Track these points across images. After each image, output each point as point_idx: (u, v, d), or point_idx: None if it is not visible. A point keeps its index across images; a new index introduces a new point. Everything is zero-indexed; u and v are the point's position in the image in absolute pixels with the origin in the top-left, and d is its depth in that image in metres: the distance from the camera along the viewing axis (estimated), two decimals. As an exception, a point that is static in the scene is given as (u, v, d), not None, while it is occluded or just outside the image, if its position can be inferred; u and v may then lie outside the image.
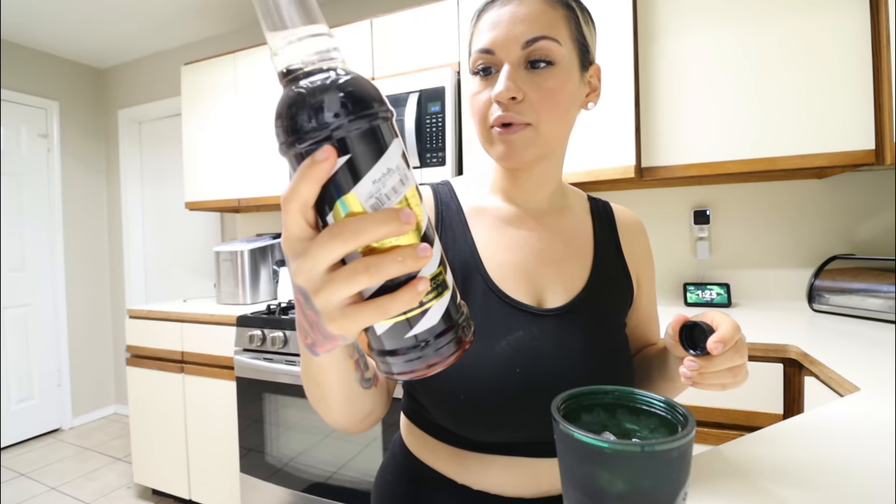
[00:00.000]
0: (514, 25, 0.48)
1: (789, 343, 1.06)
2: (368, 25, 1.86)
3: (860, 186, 1.53)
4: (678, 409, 0.33)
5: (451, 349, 0.30)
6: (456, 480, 0.52)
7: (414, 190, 0.28)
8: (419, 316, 0.28)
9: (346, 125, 0.25)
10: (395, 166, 0.26)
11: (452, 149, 1.64)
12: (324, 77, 0.26)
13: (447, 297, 0.29)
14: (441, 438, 0.54)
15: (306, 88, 0.26)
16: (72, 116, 3.06)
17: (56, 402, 2.93)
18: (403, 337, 0.29)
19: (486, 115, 0.51)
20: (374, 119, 0.26)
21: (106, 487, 2.25)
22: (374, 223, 0.25)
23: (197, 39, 2.82)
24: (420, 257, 0.26)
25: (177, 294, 3.01)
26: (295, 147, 0.26)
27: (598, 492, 0.29)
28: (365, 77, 0.27)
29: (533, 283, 0.54)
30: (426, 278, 0.27)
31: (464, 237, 0.55)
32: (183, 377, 1.93)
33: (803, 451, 0.50)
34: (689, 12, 1.45)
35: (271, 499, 1.70)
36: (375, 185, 0.26)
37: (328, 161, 0.25)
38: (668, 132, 1.49)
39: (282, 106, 0.26)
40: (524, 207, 0.58)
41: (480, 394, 0.48)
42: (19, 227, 2.79)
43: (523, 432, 0.49)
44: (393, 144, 0.27)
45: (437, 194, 0.59)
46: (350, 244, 0.25)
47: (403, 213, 0.25)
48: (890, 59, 1.21)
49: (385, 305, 0.27)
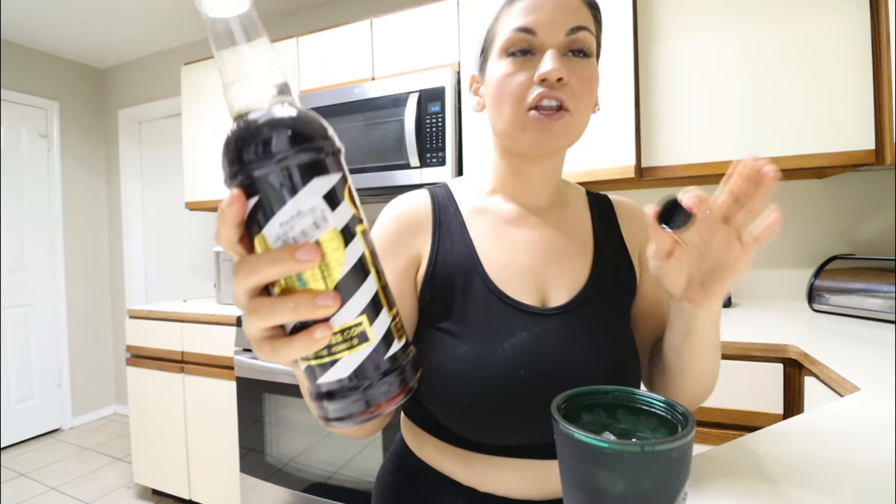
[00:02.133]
0: (559, 10, 0.48)
1: (789, 343, 1.06)
2: (368, 25, 1.86)
3: (860, 186, 1.53)
4: (678, 409, 0.33)
5: (359, 406, 0.29)
6: (462, 482, 0.52)
7: (334, 234, 0.27)
8: (327, 365, 0.28)
9: (256, 168, 0.26)
10: (308, 208, 0.26)
11: (452, 149, 1.64)
12: (249, 120, 0.27)
13: (368, 349, 0.28)
14: (445, 439, 0.53)
15: (233, 131, 0.27)
16: (72, 116, 3.06)
17: (56, 402, 2.93)
18: (314, 383, 0.29)
19: (523, 96, 0.49)
20: (284, 161, 0.26)
21: (106, 487, 2.25)
22: (264, 263, 0.26)
23: (197, 39, 2.83)
24: (317, 306, 0.26)
25: (177, 294, 3.01)
26: (229, 183, 0.27)
27: (598, 492, 0.29)
28: (295, 115, 0.27)
29: (536, 282, 0.53)
30: (326, 325, 0.27)
31: (462, 239, 0.54)
32: (183, 377, 1.93)
33: (803, 451, 0.50)
34: (689, 12, 1.45)
35: (271, 499, 1.70)
36: (283, 227, 0.26)
37: (232, 207, 0.26)
38: (668, 132, 1.49)
39: (224, 144, 0.27)
40: (526, 205, 0.57)
41: (485, 398, 0.47)
42: (19, 227, 2.79)
43: (531, 434, 0.49)
44: (312, 185, 0.26)
45: (435, 197, 0.58)
46: (247, 281, 0.27)
47: (300, 252, 0.25)
48: (890, 59, 1.21)
49: (279, 348, 0.28)
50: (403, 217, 0.55)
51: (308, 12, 2.48)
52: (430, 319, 0.53)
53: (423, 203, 0.57)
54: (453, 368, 0.49)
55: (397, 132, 1.70)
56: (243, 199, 0.26)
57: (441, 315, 0.52)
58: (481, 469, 0.51)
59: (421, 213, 0.56)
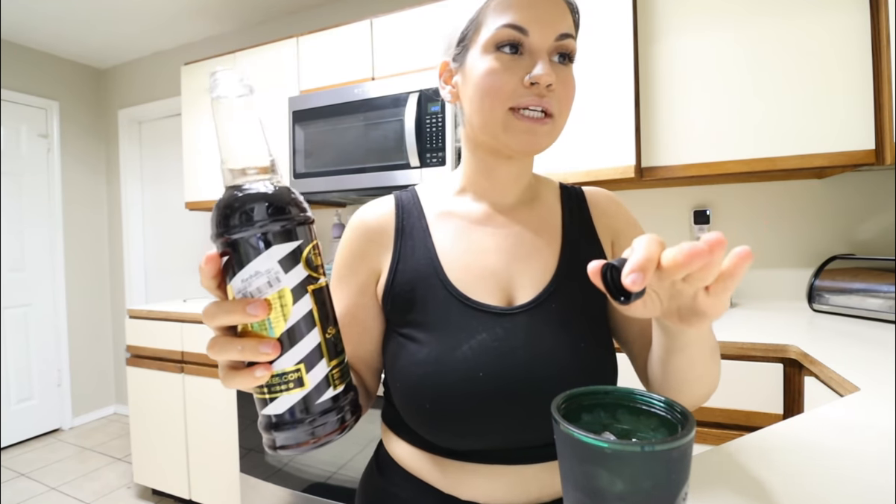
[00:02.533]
0: (552, 12, 0.48)
1: (789, 343, 1.06)
2: (368, 25, 1.86)
3: (860, 186, 1.53)
4: (678, 409, 0.33)
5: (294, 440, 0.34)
6: (443, 490, 0.51)
7: (285, 292, 0.33)
8: (268, 400, 0.34)
9: (231, 233, 0.32)
10: (264, 270, 0.32)
11: (452, 149, 1.64)
12: (237, 193, 0.33)
13: (301, 393, 0.34)
14: (422, 447, 0.52)
15: (221, 198, 0.33)
16: (72, 116, 3.06)
17: (56, 402, 2.93)
18: (260, 412, 0.35)
19: (510, 97, 0.48)
20: (251, 230, 0.32)
21: (106, 487, 2.25)
22: (222, 312, 0.32)
23: (197, 39, 2.83)
24: (259, 352, 0.32)
25: (177, 294, 3.01)
26: (214, 241, 0.34)
27: (598, 492, 0.29)
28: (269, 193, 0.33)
29: (501, 282, 0.52)
30: (266, 367, 0.33)
31: (424, 244, 0.54)
32: (183, 377, 1.93)
33: (803, 451, 0.50)
34: (689, 12, 1.45)
35: (271, 499, 1.70)
36: (244, 283, 0.32)
37: (208, 265, 0.33)
38: (668, 132, 1.49)
39: (214, 208, 0.34)
40: (495, 204, 0.56)
41: (445, 401, 0.47)
42: (19, 227, 2.79)
43: (499, 437, 0.48)
44: (270, 251, 0.32)
45: (399, 201, 0.58)
46: (210, 321, 0.33)
47: (250, 306, 0.31)
48: (890, 59, 1.21)
49: (228, 377, 0.33)
50: (365, 227, 0.56)
51: (308, 12, 2.48)
52: (394, 326, 0.54)
53: (386, 211, 0.57)
54: (414, 373, 0.49)
55: (397, 132, 1.70)
56: (217, 260, 0.33)
57: (403, 322, 0.52)
58: (458, 476, 0.50)
59: (383, 221, 0.56)
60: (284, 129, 2.04)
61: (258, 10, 2.48)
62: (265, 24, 2.61)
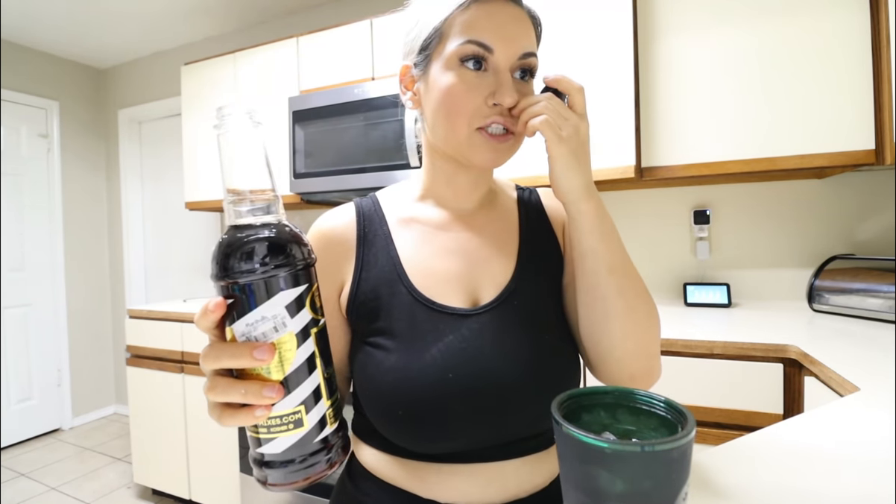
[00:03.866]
0: (515, 33, 0.48)
1: (789, 343, 1.06)
2: (368, 25, 1.86)
3: (860, 186, 1.53)
4: (678, 409, 0.33)
5: (290, 478, 0.34)
6: (420, 495, 0.50)
7: (290, 336, 0.33)
8: (266, 440, 0.34)
9: (235, 276, 0.32)
10: (271, 316, 0.32)
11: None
12: (241, 235, 0.32)
13: (300, 434, 0.34)
14: (394, 453, 0.52)
15: (224, 239, 0.33)
16: (72, 116, 3.06)
17: (56, 402, 2.94)
18: (255, 450, 0.35)
19: (474, 113, 0.48)
20: (256, 275, 0.31)
21: (106, 487, 2.25)
22: (226, 355, 0.32)
23: (197, 39, 2.83)
24: (262, 396, 0.32)
25: (177, 294, 3.01)
26: (214, 282, 0.33)
27: (598, 492, 0.29)
28: (273, 237, 0.33)
29: (465, 284, 0.53)
30: (267, 408, 0.32)
31: (386, 251, 0.54)
32: (183, 377, 1.93)
33: (803, 451, 0.50)
34: (689, 12, 1.45)
35: (271, 499, 1.70)
36: (248, 327, 0.32)
37: (215, 312, 0.32)
38: (668, 132, 1.49)
39: (215, 247, 0.33)
40: (455, 210, 0.57)
41: (417, 406, 0.47)
42: (19, 227, 2.79)
43: (473, 437, 0.48)
44: (277, 297, 0.32)
45: (360, 209, 0.57)
46: (212, 364, 0.32)
47: (257, 351, 0.31)
48: (890, 59, 1.21)
49: (226, 416, 0.33)
50: (325, 237, 0.55)
51: (308, 12, 2.48)
52: (361, 336, 0.53)
53: (346, 220, 0.57)
54: (383, 381, 0.48)
55: (397, 132, 1.70)
56: (224, 306, 0.32)
57: (370, 330, 0.52)
58: (434, 479, 0.50)
59: (345, 230, 0.56)
60: (284, 129, 2.04)
61: (258, 10, 2.48)
62: (265, 24, 2.61)
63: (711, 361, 1.12)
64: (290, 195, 2.04)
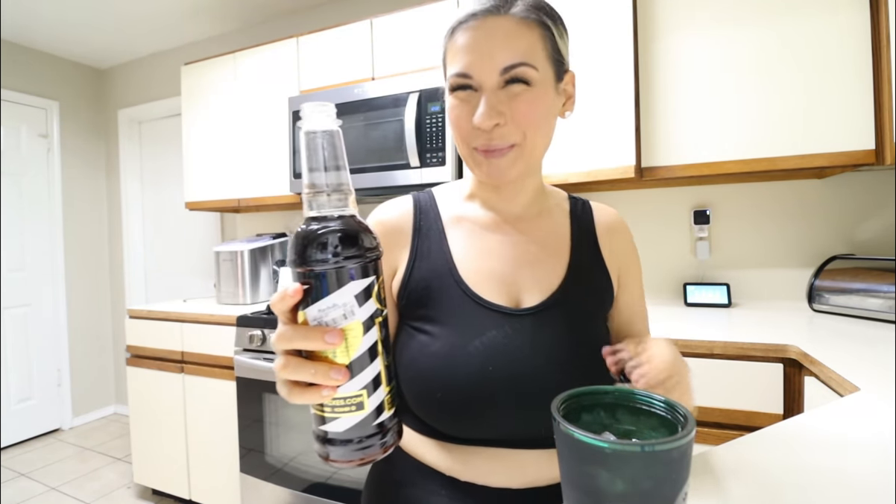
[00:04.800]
0: (492, 51, 0.49)
1: (789, 343, 1.06)
2: (368, 25, 1.86)
3: (860, 186, 1.53)
4: (678, 409, 0.33)
5: (349, 456, 0.37)
6: (443, 472, 0.54)
7: (357, 324, 0.35)
8: (330, 419, 0.36)
9: (310, 265, 0.34)
10: (341, 303, 0.34)
11: (452, 149, 1.64)
12: (319, 227, 0.35)
13: (360, 416, 0.36)
14: (424, 432, 0.56)
15: (302, 229, 0.35)
16: (72, 116, 3.06)
17: (56, 402, 2.93)
18: (318, 427, 0.37)
19: (467, 136, 0.52)
20: (331, 266, 0.34)
21: (106, 487, 2.25)
22: (299, 337, 0.34)
23: (197, 39, 2.83)
24: (330, 377, 0.34)
25: (177, 294, 3.01)
26: (292, 268, 0.36)
27: (598, 492, 0.29)
28: (348, 230, 0.35)
29: (509, 286, 0.55)
30: (332, 388, 0.35)
31: (439, 245, 0.57)
32: (183, 377, 1.93)
33: (803, 451, 0.50)
34: (689, 12, 1.45)
35: (271, 499, 1.70)
36: (320, 313, 0.35)
37: (294, 297, 0.35)
38: (668, 132, 1.49)
39: (294, 236, 0.36)
40: (502, 213, 0.59)
41: (455, 392, 0.50)
42: (19, 227, 2.79)
43: (502, 426, 0.51)
44: (348, 287, 0.34)
45: (418, 203, 0.61)
46: (285, 344, 0.35)
47: (329, 335, 0.34)
48: (890, 59, 1.21)
49: (295, 394, 0.36)
50: (385, 226, 0.59)
51: (308, 12, 2.48)
52: (408, 319, 0.57)
53: (405, 211, 0.60)
54: (426, 364, 0.52)
55: (397, 132, 1.70)
56: (301, 293, 0.35)
57: (417, 316, 0.55)
58: (460, 459, 0.53)
59: (402, 220, 0.60)
60: (284, 129, 2.04)
61: (258, 10, 2.48)
62: (265, 24, 2.61)
63: (711, 361, 1.12)
64: (289, 195, 2.04)
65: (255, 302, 2.11)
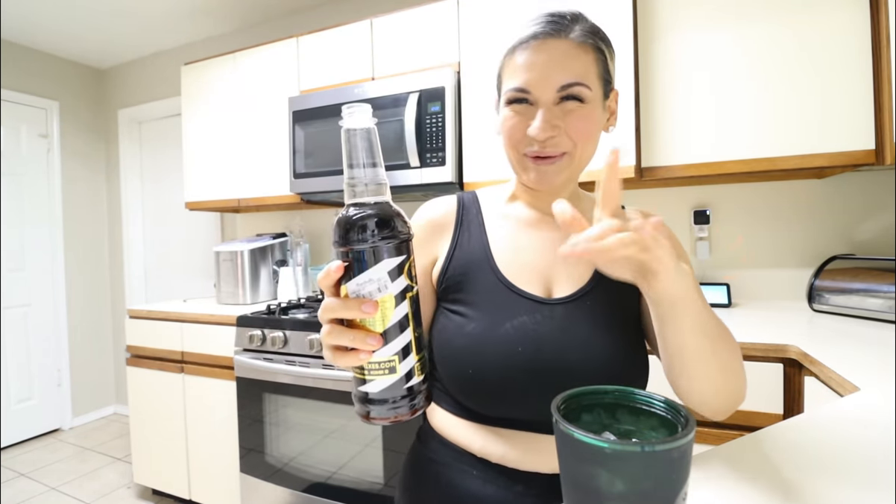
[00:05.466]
0: (551, 70, 0.53)
1: (789, 343, 1.06)
2: (368, 25, 1.86)
3: (860, 186, 1.53)
4: (678, 409, 0.33)
5: (384, 414, 0.42)
6: (475, 453, 0.57)
7: (390, 297, 0.40)
8: (367, 381, 0.42)
9: (351, 245, 0.40)
10: (376, 278, 0.40)
11: (452, 149, 1.64)
12: (357, 212, 0.40)
13: (393, 379, 0.41)
14: (459, 414, 0.60)
15: (344, 214, 0.41)
16: (72, 116, 3.06)
17: (56, 402, 2.93)
18: (357, 388, 0.43)
19: (518, 143, 0.56)
20: (368, 245, 0.39)
21: (106, 487, 2.25)
22: (339, 307, 0.40)
23: (197, 39, 2.82)
24: (367, 343, 0.40)
25: (177, 294, 3.01)
26: (335, 248, 0.42)
27: (598, 492, 0.29)
28: (387, 211, 0.41)
29: (543, 277, 0.59)
30: (368, 353, 0.40)
31: (479, 237, 0.63)
32: (183, 377, 1.93)
33: (803, 451, 0.50)
34: (689, 12, 1.45)
35: (271, 499, 1.70)
36: (358, 286, 0.40)
37: (337, 272, 0.41)
38: (668, 132, 1.49)
39: (336, 221, 0.41)
40: (541, 211, 0.63)
41: (486, 370, 0.54)
42: (19, 227, 2.79)
43: (529, 409, 0.54)
44: (382, 263, 0.40)
45: (461, 200, 0.67)
46: (329, 314, 0.41)
47: (365, 306, 0.39)
48: (890, 59, 1.21)
49: (337, 357, 0.42)
50: (431, 223, 0.65)
51: (308, 12, 2.48)
52: (444, 303, 0.62)
53: (449, 208, 0.66)
54: (460, 343, 0.56)
55: (397, 132, 1.70)
56: (342, 269, 0.41)
57: (454, 299, 0.60)
58: (492, 440, 0.56)
59: (447, 216, 0.66)
60: (284, 129, 2.04)
61: (258, 10, 2.48)
62: (265, 24, 2.61)
63: (711, 361, 1.12)
64: (289, 195, 2.03)
65: (255, 302, 2.11)
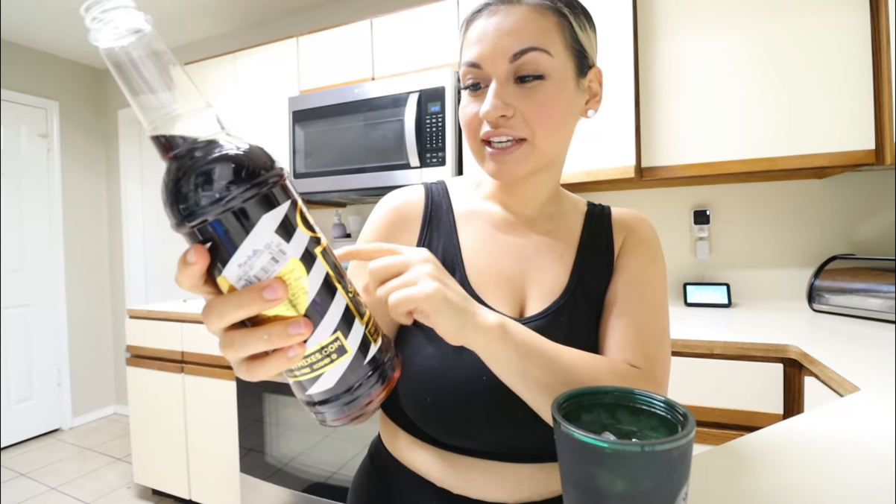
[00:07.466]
0: (501, 38, 0.47)
1: (789, 343, 1.06)
2: (368, 25, 1.86)
3: (860, 186, 1.53)
4: (678, 409, 0.33)
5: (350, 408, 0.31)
6: (435, 483, 0.51)
7: (295, 263, 0.28)
8: (313, 379, 0.30)
9: (203, 214, 0.25)
10: (263, 246, 0.27)
11: (452, 149, 1.64)
12: (185, 163, 0.26)
13: (347, 360, 0.30)
14: (417, 436, 0.52)
15: (170, 175, 0.26)
16: (72, 116, 3.06)
17: (56, 402, 2.93)
18: (305, 394, 0.32)
19: (476, 130, 0.50)
20: (230, 203, 0.25)
21: (106, 487, 2.25)
22: (231, 307, 0.27)
23: (197, 39, 2.82)
24: (290, 335, 0.28)
25: (177, 294, 3.01)
26: (180, 231, 0.27)
27: (598, 492, 0.29)
28: (233, 154, 0.26)
29: (514, 290, 0.53)
30: (299, 346, 0.28)
31: (450, 239, 0.55)
32: (183, 377, 1.93)
33: (803, 451, 0.50)
34: (689, 12, 1.45)
35: (271, 499, 1.70)
36: (242, 269, 0.27)
37: (197, 263, 0.26)
38: (668, 132, 1.49)
39: (162, 189, 0.27)
40: (517, 214, 0.57)
41: (446, 399, 0.48)
42: (19, 227, 2.79)
43: (495, 438, 0.48)
44: (262, 222, 0.26)
45: (430, 194, 0.59)
46: (218, 322, 0.28)
47: (266, 291, 0.26)
48: (890, 59, 1.21)
49: (255, 369, 0.30)
50: (396, 212, 0.56)
51: (308, 12, 2.48)
52: None
53: (416, 199, 0.58)
54: (420, 365, 0.49)
55: (397, 132, 1.70)
56: (206, 253, 0.26)
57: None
58: (453, 469, 0.50)
59: (413, 208, 0.57)
60: (284, 129, 2.04)
61: (258, 10, 2.48)
62: (265, 24, 2.61)
63: (711, 361, 1.12)
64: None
65: (255, 302, 2.11)
